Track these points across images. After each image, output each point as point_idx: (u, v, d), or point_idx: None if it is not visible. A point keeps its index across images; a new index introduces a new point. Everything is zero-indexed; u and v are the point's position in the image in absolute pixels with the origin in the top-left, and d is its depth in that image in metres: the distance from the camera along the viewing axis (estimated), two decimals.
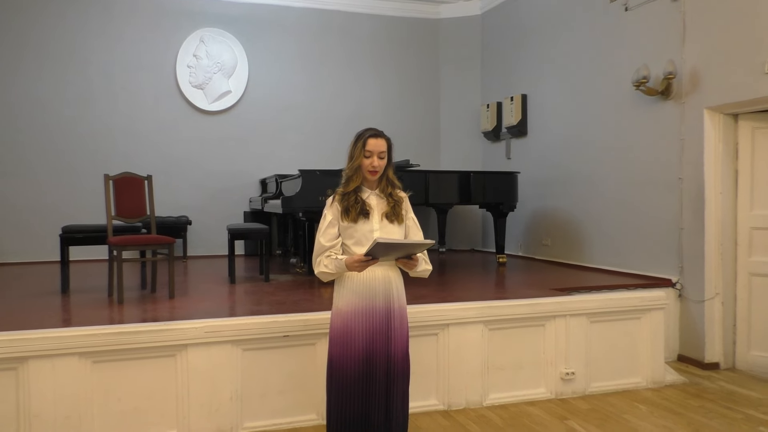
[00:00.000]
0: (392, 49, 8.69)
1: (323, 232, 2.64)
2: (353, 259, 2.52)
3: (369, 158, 2.60)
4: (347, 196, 2.64)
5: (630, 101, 5.68)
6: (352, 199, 2.62)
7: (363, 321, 2.58)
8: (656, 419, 3.81)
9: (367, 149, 2.60)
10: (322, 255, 2.62)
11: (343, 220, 2.61)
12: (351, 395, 2.56)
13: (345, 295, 2.61)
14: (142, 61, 7.70)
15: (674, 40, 5.16)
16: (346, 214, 2.60)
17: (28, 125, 7.31)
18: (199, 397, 3.49)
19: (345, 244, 2.64)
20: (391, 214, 2.64)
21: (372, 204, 2.64)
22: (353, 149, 2.64)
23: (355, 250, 2.59)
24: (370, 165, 2.61)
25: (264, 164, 8.07)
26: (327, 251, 2.61)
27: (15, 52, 7.25)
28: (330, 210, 2.66)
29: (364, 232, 2.60)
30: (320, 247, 2.63)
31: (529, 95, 7.48)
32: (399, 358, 2.62)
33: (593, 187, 6.30)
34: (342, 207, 2.62)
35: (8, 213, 7.20)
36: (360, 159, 2.61)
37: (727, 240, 4.93)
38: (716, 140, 4.93)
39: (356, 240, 2.61)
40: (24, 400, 3.21)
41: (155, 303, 4.43)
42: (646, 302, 4.49)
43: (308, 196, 5.31)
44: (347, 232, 2.63)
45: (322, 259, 2.62)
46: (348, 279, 2.61)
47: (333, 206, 2.66)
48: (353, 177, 2.65)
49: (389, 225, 2.63)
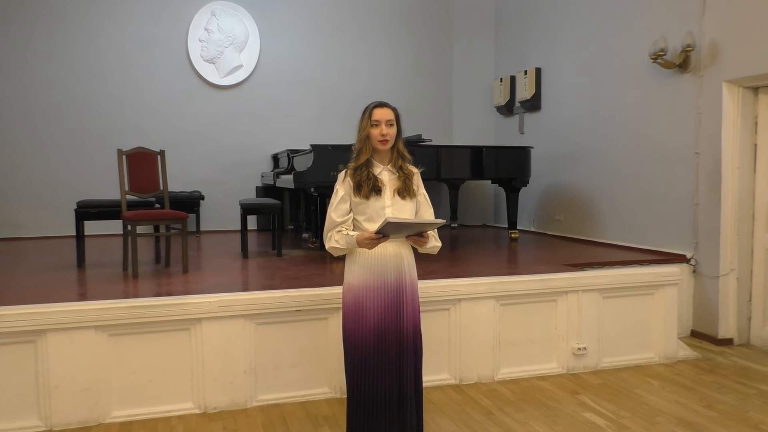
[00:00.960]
0: (405, 22, 8.57)
1: (335, 207, 2.63)
2: (364, 236, 2.51)
3: (377, 127, 2.58)
4: (359, 170, 2.61)
5: (646, 74, 5.58)
6: (364, 174, 2.60)
7: (374, 296, 2.58)
8: (668, 394, 3.82)
9: (373, 119, 2.58)
10: (333, 230, 2.62)
11: (355, 195, 2.59)
12: (364, 369, 2.58)
13: (356, 271, 2.61)
14: (153, 36, 7.66)
15: (693, 12, 5.04)
16: (358, 190, 2.58)
17: (42, 100, 7.33)
18: (213, 370, 3.54)
19: (356, 219, 2.64)
20: (402, 190, 2.62)
21: (384, 180, 2.62)
22: (361, 122, 2.64)
23: (366, 227, 2.59)
24: (379, 134, 2.58)
25: (276, 139, 8.06)
26: (338, 226, 2.61)
27: (27, 27, 7.24)
28: (342, 185, 2.64)
29: (376, 208, 2.59)
30: (331, 222, 2.62)
31: (543, 69, 7.37)
32: (410, 333, 2.63)
33: (607, 162, 6.23)
34: (354, 182, 2.60)
35: (23, 187, 7.27)
36: (367, 129, 2.59)
37: (744, 215, 4.87)
38: (735, 114, 4.84)
39: (368, 216, 2.60)
40: (43, 372, 3.27)
41: (169, 277, 4.47)
42: (660, 278, 4.46)
43: (320, 171, 5.30)
44: (359, 208, 2.62)
45: (333, 234, 2.62)
46: (359, 254, 2.60)
47: (345, 181, 2.63)
48: (363, 149, 2.62)
49: (401, 201, 2.61)
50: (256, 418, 3.45)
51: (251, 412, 3.55)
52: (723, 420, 3.41)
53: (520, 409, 3.59)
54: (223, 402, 3.56)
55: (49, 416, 3.28)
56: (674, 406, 3.63)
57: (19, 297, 3.66)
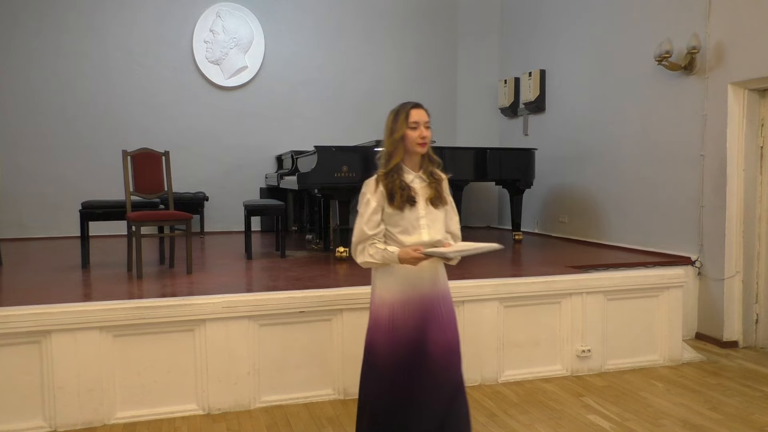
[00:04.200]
0: (409, 23, 8.58)
1: (367, 219, 2.42)
2: (410, 254, 2.33)
3: (416, 129, 2.42)
4: (390, 177, 2.43)
5: (652, 76, 5.57)
6: (397, 182, 2.42)
7: (411, 310, 2.43)
8: (673, 396, 3.80)
9: (412, 120, 2.42)
10: (365, 243, 2.44)
11: (388, 206, 2.41)
12: (395, 386, 2.42)
13: (392, 285, 2.45)
14: (159, 37, 7.69)
15: (699, 14, 5.03)
16: (390, 199, 2.40)
17: (47, 101, 7.36)
18: (217, 371, 3.54)
19: (390, 231, 2.45)
20: (435, 199, 2.47)
21: (416, 188, 2.46)
22: (393, 123, 2.46)
23: (401, 239, 2.42)
24: (418, 136, 2.42)
25: (280, 140, 8.07)
26: (370, 239, 2.43)
27: (34, 27, 7.27)
28: (374, 195, 2.43)
29: (411, 220, 2.42)
30: (363, 235, 2.43)
31: (547, 70, 7.36)
32: (448, 345, 2.48)
33: (612, 164, 6.22)
34: (386, 190, 2.41)
35: (29, 188, 7.30)
36: (403, 130, 2.42)
37: (749, 217, 4.86)
38: (740, 116, 4.83)
39: (403, 228, 2.43)
40: (48, 373, 3.27)
41: (174, 278, 4.47)
42: (665, 280, 4.44)
43: (324, 172, 5.30)
44: (393, 220, 2.43)
45: (366, 248, 2.43)
46: (396, 267, 2.43)
47: (378, 191, 2.43)
48: (394, 152, 2.44)
49: (434, 211, 2.47)
50: (259, 419, 3.45)
51: (255, 413, 3.55)
52: (728, 422, 3.40)
53: (524, 411, 3.58)
54: (227, 403, 3.56)
55: (54, 417, 3.29)
56: (679, 408, 3.61)
57: (24, 297, 3.67)
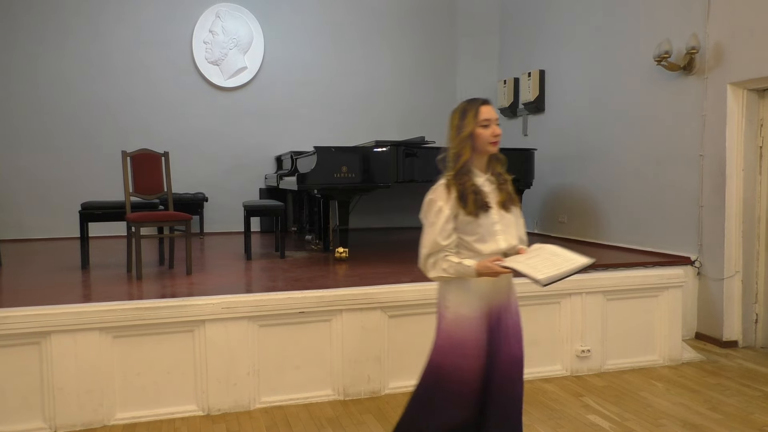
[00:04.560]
0: (409, 23, 8.58)
1: (440, 229, 2.20)
2: (491, 269, 2.15)
3: (487, 127, 2.24)
4: (460, 179, 2.24)
5: (651, 77, 5.57)
6: (469, 185, 2.23)
7: (487, 324, 2.28)
8: (673, 396, 3.81)
9: (483, 117, 2.24)
10: (437, 255, 2.22)
11: (462, 213, 2.21)
12: (464, 405, 2.27)
13: (467, 299, 2.26)
14: (159, 37, 7.69)
15: (698, 14, 5.03)
16: (463, 205, 2.20)
17: (46, 102, 7.35)
18: (216, 372, 3.54)
19: (464, 239, 2.25)
20: (507, 202, 2.30)
21: (487, 191, 2.28)
22: (461, 120, 2.26)
23: (478, 248, 2.22)
24: (491, 135, 2.24)
25: (279, 141, 8.07)
26: (443, 251, 2.22)
27: (36, 28, 7.26)
28: (447, 202, 2.22)
29: (486, 226, 2.23)
30: (436, 247, 2.21)
31: (547, 71, 7.36)
32: (519, 359, 2.35)
33: (611, 164, 6.22)
34: (458, 193, 2.22)
35: (28, 189, 7.29)
36: (472, 127, 2.23)
37: (748, 217, 4.86)
38: (739, 116, 4.83)
39: (479, 236, 2.23)
40: (47, 374, 3.27)
41: (173, 279, 4.47)
42: (664, 280, 4.45)
43: (323, 172, 5.30)
44: (468, 228, 2.23)
45: (438, 261, 2.22)
46: (472, 281, 2.25)
47: (450, 196, 2.22)
48: (462, 151, 2.25)
49: (506, 215, 2.29)
50: (259, 420, 3.45)
51: (255, 414, 3.55)
52: (728, 422, 3.40)
53: (524, 411, 3.53)
54: (226, 404, 3.56)
55: (54, 418, 3.29)
56: (679, 408, 3.61)
57: (24, 298, 3.66)
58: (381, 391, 3.84)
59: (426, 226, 2.26)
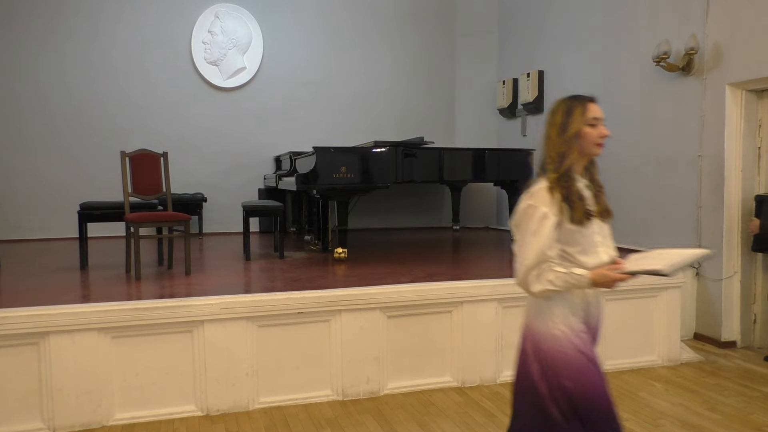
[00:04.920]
0: (408, 24, 8.58)
1: (545, 237, 1.94)
2: (610, 277, 1.92)
3: (595, 126, 2.05)
4: (564, 182, 2.00)
5: (650, 77, 5.57)
6: (574, 189, 2.00)
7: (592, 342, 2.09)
8: (671, 397, 3.81)
9: (591, 116, 2.06)
10: (541, 267, 1.95)
11: (569, 221, 1.96)
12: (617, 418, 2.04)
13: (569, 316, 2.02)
14: (158, 37, 7.68)
15: (697, 15, 5.04)
16: (570, 212, 1.96)
17: (45, 103, 7.35)
18: (215, 372, 3.54)
19: (566, 251, 1.99)
20: (604, 211, 2.09)
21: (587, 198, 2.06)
22: (566, 118, 2.06)
23: (582, 260, 1.98)
24: (599, 135, 2.05)
25: (278, 141, 8.07)
26: (547, 262, 1.96)
27: (36, 29, 7.25)
28: (551, 206, 1.96)
29: (589, 236, 2.00)
30: (540, 257, 1.94)
31: (546, 71, 7.37)
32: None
33: (610, 165, 6.19)
34: (563, 198, 1.97)
35: (26, 189, 7.29)
36: (579, 126, 2.03)
37: (747, 218, 4.86)
38: (738, 117, 4.84)
39: (583, 248, 1.99)
40: (46, 374, 3.27)
41: (172, 279, 4.47)
42: (663, 281, 4.44)
43: (322, 173, 5.30)
44: (573, 238, 1.98)
45: (543, 273, 1.94)
46: (572, 294, 2.02)
47: (554, 200, 1.97)
48: (568, 152, 2.03)
49: (604, 226, 2.08)
50: (258, 421, 3.45)
51: (253, 414, 3.55)
52: (726, 422, 3.40)
53: None
54: (225, 404, 3.56)
55: (52, 419, 3.29)
56: (677, 408, 3.62)
57: (23, 299, 3.66)
58: (380, 392, 3.84)
59: (527, 234, 1.97)
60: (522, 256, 1.97)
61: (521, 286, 2.00)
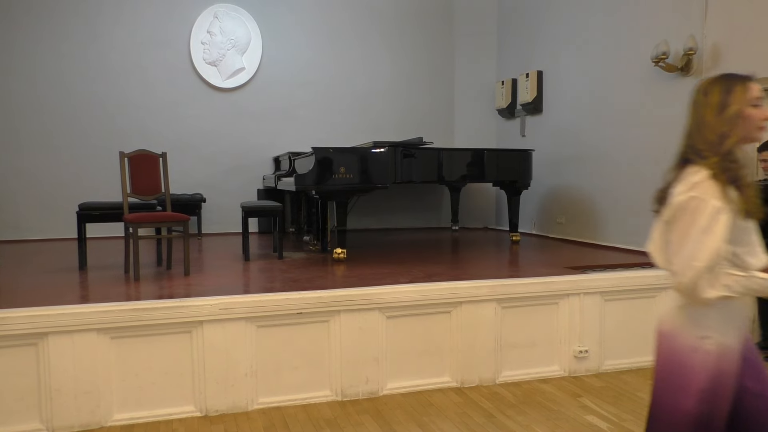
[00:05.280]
0: (407, 24, 8.58)
1: (720, 235, 1.65)
2: None
3: (759, 107, 1.77)
4: (731, 164, 1.72)
5: (649, 77, 5.58)
6: (741, 174, 1.72)
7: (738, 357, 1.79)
8: None
9: (753, 95, 1.76)
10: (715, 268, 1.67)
11: (740, 215, 1.69)
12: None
13: (732, 324, 1.77)
14: (156, 38, 7.68)
15: (695, 15, 5.04)
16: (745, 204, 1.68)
17: (45, 102, 7.34)
18: (214, 372, 3.53)
19: (734, 253, 1.72)
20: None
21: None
22: (725, 96, 1.78)
23: (750, 262, 1.72)
24: (763, 118, 1.77)
25: (277, 141, 8.06)
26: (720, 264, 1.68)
27: (37, 28, 7.25)
28: (722, 200, 1.67)
29: (750, 233, 1.75)
30: (716, 258, 1.66)
31: (545, 72, 7.37)
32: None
33: (609, 165, 6.23)
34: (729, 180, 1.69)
35: (25, 190, 7.28)
36: (742, 105, 1.75)
37: None
38: None
39: (749, 248, 1.74)
40: (45, 375, 3.27)
41: (171, 280, 4.47)
42: (662, 281, 4.44)
43: (321, 173, 5.30)
44: (742, 237, 1.72)
45: (719, 277, 1.67)
46: (735, 302, 1.76)
47: (724, 192, 1.68)
48: (729, 133, 1.75)
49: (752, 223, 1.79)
50: (257, 421, 3.45)
51: (252, 415, 3.55)
52: None
53: (522, 412, 3.58)
54: (224, 405, 3.56)
55: (51, 419, 3.28)
56: None
57: (21, 300, 3.65)
58: (379, 392, 3.84)
59: (696, 232, 1.67)
60: (692, 258, 1.67)
61: (688, 291, 1.70)
